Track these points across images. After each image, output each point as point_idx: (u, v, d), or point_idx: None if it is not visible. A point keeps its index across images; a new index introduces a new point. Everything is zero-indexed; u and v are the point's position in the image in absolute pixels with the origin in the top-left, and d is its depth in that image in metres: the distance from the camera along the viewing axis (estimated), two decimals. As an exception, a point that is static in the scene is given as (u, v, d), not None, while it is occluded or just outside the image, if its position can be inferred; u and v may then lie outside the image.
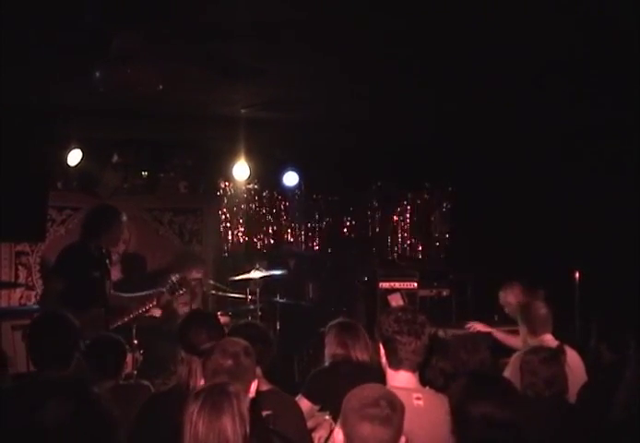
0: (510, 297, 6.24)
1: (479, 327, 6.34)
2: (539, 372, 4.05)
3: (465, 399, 2.99)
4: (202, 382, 3.27)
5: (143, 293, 6.72)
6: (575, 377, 4.72)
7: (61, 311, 4.19)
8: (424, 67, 5.62)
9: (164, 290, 6.64)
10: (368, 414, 2.64)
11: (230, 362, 3.22)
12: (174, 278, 6.74)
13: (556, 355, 4.27)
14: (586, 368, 5.05)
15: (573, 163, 7.55)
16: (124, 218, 6.73)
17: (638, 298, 6.13)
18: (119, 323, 6.30)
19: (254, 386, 3.26)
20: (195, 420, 2.69)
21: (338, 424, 2.74)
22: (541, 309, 5.27)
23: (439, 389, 3.74)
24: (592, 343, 5.56)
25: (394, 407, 2.68)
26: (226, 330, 4.27)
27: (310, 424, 4.17)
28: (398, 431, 2.68)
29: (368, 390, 2.75)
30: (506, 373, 4.63)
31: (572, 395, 4.43)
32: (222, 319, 6.36)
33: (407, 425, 3.21)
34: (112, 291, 6.56)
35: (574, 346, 5.22)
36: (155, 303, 6.64)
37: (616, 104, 6.40)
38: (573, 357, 5.05)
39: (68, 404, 2.63)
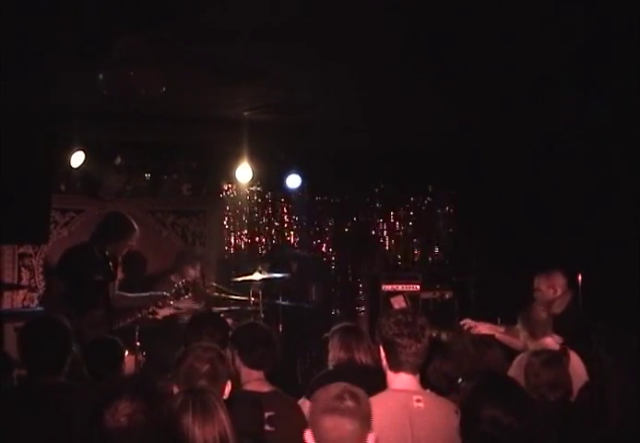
0: (544, 284, 6.01)
1: (482, 328, 6.26)
2: (541, 374, 4.05)
3: (475, 399, 2.99)
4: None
5: (147, 295, 6.73)
6: (577, 380, 4.72)
7: (54, 315, 4.16)
8: (427, 71, 5.63)
9: (168, 294, 6.65)
10: (330, 408, 2.64)
11: (207, 366, 3.32)
12: (180, 283, 6.75)
13: (558, 358, 4.27)
14: (588, 371, 5.04)
15: (575, 166, 7.55)
16: (137, 233, 6.74)
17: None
18: (121, 324, 6.30)
19: (227, 389, 3.36)
20: (190, 425, 2.73)
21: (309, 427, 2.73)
22: (541, 313, 5.27)
23: (442, 393, 3.73)
24: (594, 346, 5.55)
25: (357, 400, 2.66)
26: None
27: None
28: (364, 424, 2.65)
29: (332, 388, 2.75)
30: (509, 374, 4.63)
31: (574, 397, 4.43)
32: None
33: (407, 427, 3.22)
34: (116, 291, 6.56)
35: (576, 349, 5.21)
36: (158, 306, 6.65)
37: (620, 106, 6.40)
38: (574, 360, 5.05)
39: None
